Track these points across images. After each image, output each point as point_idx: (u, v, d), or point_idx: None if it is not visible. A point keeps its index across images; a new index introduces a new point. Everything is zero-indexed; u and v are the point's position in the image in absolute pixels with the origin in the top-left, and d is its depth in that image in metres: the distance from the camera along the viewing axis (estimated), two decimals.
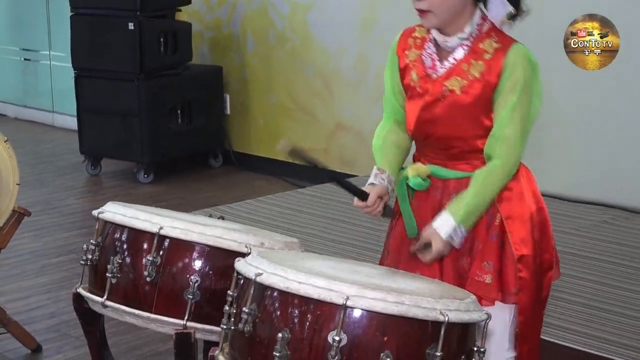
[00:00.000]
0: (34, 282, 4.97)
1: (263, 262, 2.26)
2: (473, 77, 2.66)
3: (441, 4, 2.62)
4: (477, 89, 2.65)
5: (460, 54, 2.68)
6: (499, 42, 2.67)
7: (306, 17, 6.98)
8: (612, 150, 5.65)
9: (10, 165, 3.78)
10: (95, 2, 7.07)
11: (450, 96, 2.67)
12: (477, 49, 2.67)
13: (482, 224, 2.72)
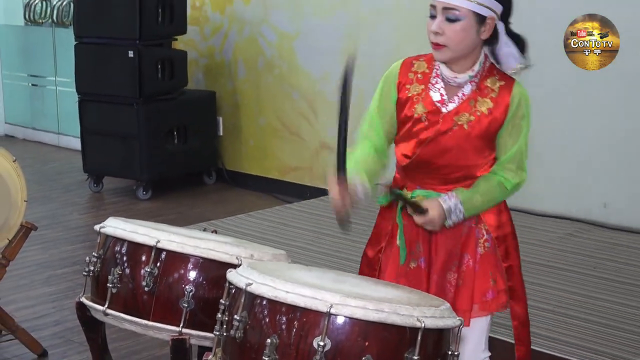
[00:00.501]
0: (40, 292, 4.95)
1: (253, 272, 2.26)
2: (481, 113, 2.68)
3: (459, 42, 2.63)
4: (483, 124, 2.68)
5: (468, 90, 2.70)
6: (501, 80, 2.70)
7: (292, 46, 6.99)
8: (576, 168, 5.67)
9: (18, 184, 3.77)
10: (98, 32, 7.07)
11: (459, 130, 2.68)
12: (483, 87, 2.69)
13: (472, 241, 2.74)
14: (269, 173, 7.23)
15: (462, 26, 2.60)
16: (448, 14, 2.61)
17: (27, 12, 9.65)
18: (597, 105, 5.53)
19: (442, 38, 2.62)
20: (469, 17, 2.60)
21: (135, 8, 6.78)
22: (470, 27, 2.61)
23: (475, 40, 2.65)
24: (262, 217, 6.08)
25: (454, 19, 2.60)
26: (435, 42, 2.64)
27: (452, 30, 2.61)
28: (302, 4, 6.87)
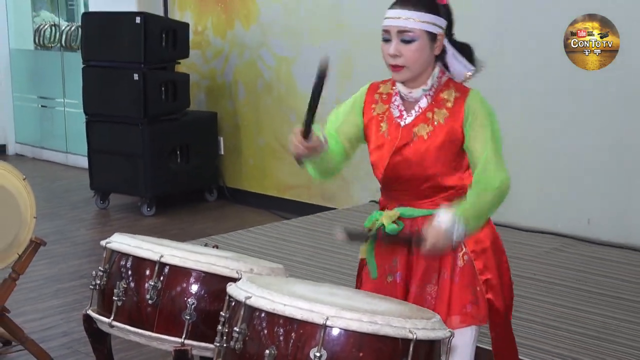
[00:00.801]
0: (49, 304, 4.94)
1: (252, 286, 2.26)
2: (438, 122, 2.69)
3: (416, 61, 2.66)
4: (442, 133, 2.68)
5: (424, 103, 2.72)
6: (457, 91, 2.72)
7: (290, 69, 7.01)
8: (561, 186, 5.67)
9: (28, 201, 3.76)
10: (104, 56, 7.08)
11: (418, 141, 2.70)
12: (439, 99, 2.71)
13: (450, 256, 2.72)
14: (267, 191, 7.23)
15: (417, 46, 2.65)
16: (403, 36, 2.65)
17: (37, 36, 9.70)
18: (582, 125, 5.54)
19: (400, 60, 2.66)
20: (422, 37, 2.65)
21: (140, 33, 6.80)
22: (424, 46, 2.66)
23: (430, 57, 2.69)
24: (261, 232, 6.08)
25: (409, 40, 2.64)
26: (394, 64, 2.68)
27: (408, 51, 2.65)
28: (299, 30, 6.89)
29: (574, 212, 5.62)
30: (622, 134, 5.39)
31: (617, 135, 5.41)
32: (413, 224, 2.74)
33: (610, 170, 5.46)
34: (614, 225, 5.47)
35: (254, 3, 7.17)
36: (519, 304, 4.47)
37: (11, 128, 9.69)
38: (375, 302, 2.39)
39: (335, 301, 2.24)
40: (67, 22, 9.39)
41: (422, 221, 2.70)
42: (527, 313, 4.38)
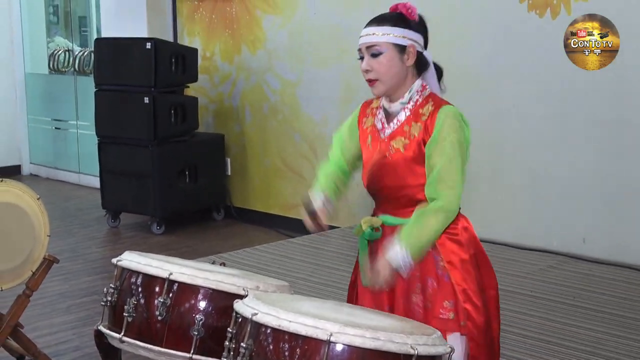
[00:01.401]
0: (61, 320, 4.93)
1: (258, 303, 2.26)
2: (413, 136, 2.72)
3: (385, 72, 2.72)
4: (415, 146, 2.71)
5: (402, 117, 2.76)
6: (433, 106, 2.74)
7: (295, 92, 7.02)
8: (557, 205, 5.66)
9: (42, 220, 3.76)
10: (116, 80, 7.10)
11: (396, 153, 2.74)
12: (418, 113, 2.75)
13: (431, 265, 2.72)
14: (273, 210, 7.23)
15: (384, 58, 2.72)
16: (372, 51, 2.73)
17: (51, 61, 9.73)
18: (577, 145, 5.53)
19: (372, 74, 2.74)
20: (389, 49, 2.71)
21: (150, 58, 6.82)
22: (392, 57, 2.72)
23: (402, 68, 2.74)
24: (267, 250, 6.07)
25: (377, 54, 2.72)
26: (368, 78, 2.76)
27: (377, 64, 2.72)
28: (304, 55, 6.91)
29: (570, 230, 5.60)
30: (617, 154, 5.38)
31: (612, 155, 5.40)
32: (394, 232, 2.74)
33: (605, 189, 5.45)
34: (609, 243, 5.46)
35: (260, 29, 7.20)
36: (515, 319, 4.47)
37: (26, 149, 9.71)
38: (377, 318, 2.38)
39: (338, 317, 2.24)
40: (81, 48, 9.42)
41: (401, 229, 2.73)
42: (523, 328, 4.37)
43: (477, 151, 5.89)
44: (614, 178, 5.41)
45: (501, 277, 5.14)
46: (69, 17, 9.77)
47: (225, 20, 7.47)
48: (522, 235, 5.80)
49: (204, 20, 7.65)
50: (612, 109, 5.36)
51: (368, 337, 2.11)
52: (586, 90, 5.44)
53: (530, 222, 5.80)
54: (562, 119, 5.58)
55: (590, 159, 5.49)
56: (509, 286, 5.04)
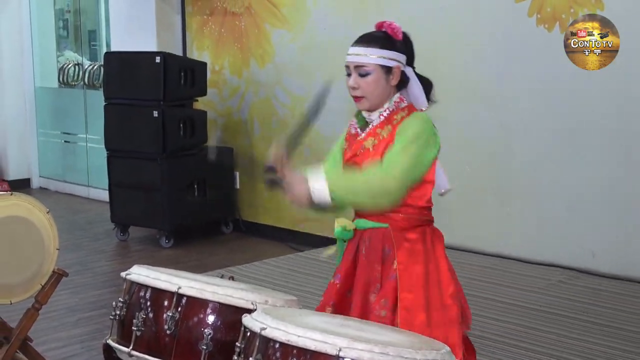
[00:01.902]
0: (70, 334, 4.93)
1: (267, 317, 2.25)
2: (382, 137, 2.87)
3: (372, 91, 2.89)
4: (383, 147, 2.85)
5: (376, 122, 2.92)
6: (407, 112, 2.89)
7: (304, 106, 7.00)
8: (566, 219, 5.65)
9: (51, 233, 3.77)
10: (125, 94, 7.12)
11: (365, 152, 2.89)
12: (391, 118, 2.90)
13: (388, 266, 2.83)
14: (281, 223, 7.23)
15: (372, 79, 2.89)
16: (360, 71, 2.91)
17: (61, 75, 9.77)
18: (587, 160, 5.52)
19: (359, 91, 2.91)
20: (376, 70, 2.88)
21: (159, 73, 6.84)
22: (379, 78, 2.89)
23: (386, 87, 2.90)
24: (275, 264, 6.07)
25: (365, 74, 2.90)
26: (354, 95, 2.93)
27: (365, 83, 2.90)
28: (313, 69, 6.92)
29: (579, 245, 5.59)
30: (627, 168, 5.37)
31: (622, 169, 5.39)
32: (363, 235, 2.93)
33: (614, 203, 5.44)
34: (619, 258, 5.44)
35: (269, 43, 7.21)
36: (524, 334, 4.46)
37: (35, 162, 9.74)
38: (386, 333, 2.38)
39: (347, 332, 2.23)
40: (90, 62, 9.46)
41: (370, 233, 2.91)
42: (532, 343, 4.35)
43: (486, 165, 5.93)
44: (623, 192, 5.40)
45: (510, 292, 5.15)
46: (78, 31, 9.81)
47: (235, 35, 7.49)
48: (531, 249, 5.79)
49: (213, 35, 7.68)
50: (621, 123, 5.35)
51: (377, 352, 2.10)
52: (595, 104, 5.44)
53: (539, 237, 5.78)
54: (571, 133, 5.58)
55: (600, 173, 5.47)
56: (518, 301, 5.02)
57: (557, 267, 5.64)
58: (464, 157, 5.95)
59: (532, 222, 5.82)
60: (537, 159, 5.74)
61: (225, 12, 7.53)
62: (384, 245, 2.88)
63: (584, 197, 5.55)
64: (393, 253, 2.83)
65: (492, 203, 5.93)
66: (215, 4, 7.61)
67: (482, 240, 5.88)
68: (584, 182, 5.55)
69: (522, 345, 4.28)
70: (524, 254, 5.80)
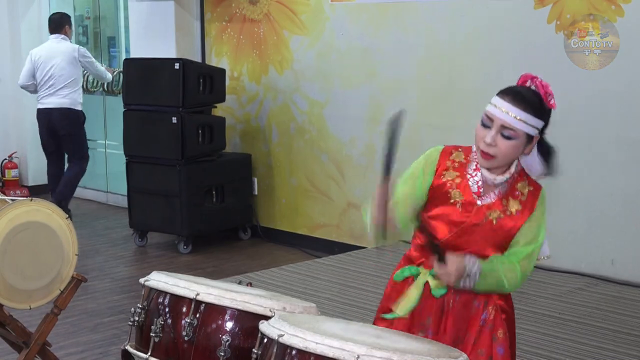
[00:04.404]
0: (88, 339, 4.95)
1: (284, 324, 2.25)
2: (510, 213, 2.71)
3: (508, 156, 2.67)
4: (509, 223, 2.70)
5: (503, 190, 2.72)
6: (530, 185, 2.75)
7: (322, 112, 7.03)
8: (585, 226, 5.62)
9: (70, 239, 3.78)
10: (144, 100, 7.14)
11: (488, 224, 2.70)
12: (514, 189, 2.73)
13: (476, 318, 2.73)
14: (299, 229, 7.23)
15: (515, 144, 2.65)
16: (504, 132, 2.64)
17: None
18: (606, 165, 5.50)
19: (494, 150, 2.64)
20: (521, 137, 2.65)
21: (178, 79, 6.86)
22: (520, 145, 2.67)
23: (520, 153, 2.71)
24: (293, 270, 6.07)
25: (509, 137, 2.64)
26: (487, 152, 2.66)
27: (505, 146, 2.64)
28: (331, 75, 6.93)
29: (598, 252, 5.56)
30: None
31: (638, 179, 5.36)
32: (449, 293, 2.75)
33: (633, 210, 5.41)
34: (638, 265, 5.41)
35: (287, 49, 7.22)
36: (542, 341, 4.43)
37: None
38: (404, 340, 2.37)
39: (365, 340, 2.22)
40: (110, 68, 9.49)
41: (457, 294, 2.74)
42: (552, 351, 4.33)
43: None
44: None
45: (530, 300, 5.13)
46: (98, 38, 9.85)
47: (253, 41, 7.51)
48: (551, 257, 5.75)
49: (231, 41, 7.69)
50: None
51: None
52: (614, 110, 5.42)
53: (558, 244, 5.74)
54: (590, 139, 5.55)
55: (619, 180, 5.45)
56: (538, 308, 5.00)
57: (576, 274, 5.61)
58: None
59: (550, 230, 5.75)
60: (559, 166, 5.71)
61: (244, 18, 7.55)
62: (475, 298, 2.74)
63: (603, 204, 5.52)
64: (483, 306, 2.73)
65: None
66: (234, 11, 7.63)
67: None
68: (602, 190, 5.52)
69: (540, 353, 4.27)
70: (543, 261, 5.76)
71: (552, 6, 5.60)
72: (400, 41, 6.43)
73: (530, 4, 5.70)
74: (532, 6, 5.70)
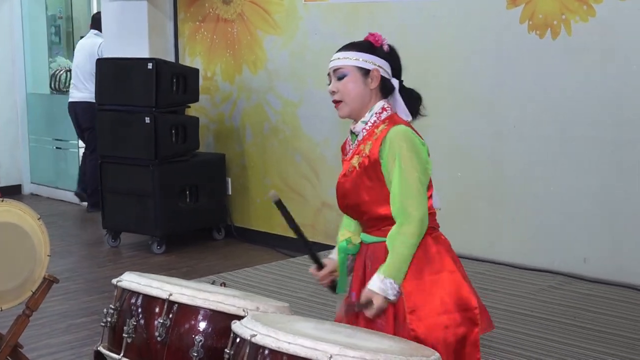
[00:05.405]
0: (61, 340, 4.92)
1: (257, 324, 2.25)
2: (365, 154, 2.82)
3: (349, 93, 2.86)
4: (366, 163, 2.81)
5: (360, 137, 2.88)
6: (387, 125, 2.83)
7: (296, 112, 7.03)
8: (558, 225, 5.66)
9: (42, 239, 3.76)
10: (117, 100, 7.11)
11: (354, 171, 2.85)
12: (372, 132, 2.85)
13: None
14: (273, 229, 7.21)
15: (348, 80, 2.87)
16: (337, 74, 2.90)
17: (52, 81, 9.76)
18: (578, 164, 5.53)
19: (337, 95, 2.89)
20: (353, 72, 2.87)
21: (152, 79, 6.83)
22: (356, 80, 2.86)
23: (365, 91, 2.87)
24: (267, 270, 6.06)
25: (342, 77, 2.88)
26: (333, 99, 2.91)
27: (342, 85, 2.88)
28: (305, 75, 6.92)
29: (570, 250, 5.60)
30: (618, 174, 5.38)
31: (613, 175, 5.40)
32: (368, 249, 2.88)
33: (605, 209, 5.45)
34: (610, 263, 5.45)
35: (261, 49, 7.21)
36: (515, 339, 4.46)
37: (27, 169, 9.71)
38: (376, 340, 2.38)
39: (338, 339, 2.23)
40: None
41: (372, 248, 2.85)
42: (524, 349, 4.35)
43: (478, 172, 5.94)
44: (614, 198, 5.41)
45: (502, 297, 5.15)
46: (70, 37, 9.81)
47: (227, 41, 7.49)
48: (523, 255, 5.80)
49: (205, 41, 7.68)
50: (613, 130, 5.37)
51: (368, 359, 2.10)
52: (587, 111, 5.45)
53: (530, 242, 5.79)
54: (562, 140, 5.59)
55: (591, 179, 5.48)
56: (509, 306, 5.03)
57: (548, 272, 5.64)
58: (456, 164, 5.95)
59: (523, 228, 5.82)
60: (529, 165, 5.75)
61: (217, 18, 7.54)
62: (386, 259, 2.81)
63: (576, 203, 5.56)
64: None
65: (484, 209, 5.94)
66: (207, 11, 7.61)
67: (473, 246, 5.88)
68: (575, 189, 5.56)
69: (513, 351, 4.29)
70: (515, 259, 5.80)
71: (525, 6, 5.63)
72: None
73: (502, 4, 5.73)
74: (505, 6, 5.72)
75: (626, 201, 5.36)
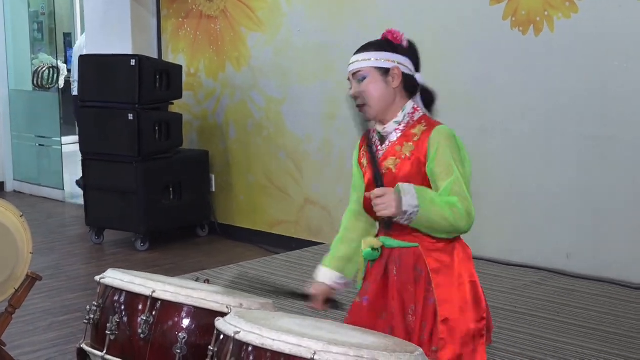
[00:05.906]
0: (44, 338, 4.90)
1: (240, 321, 2.24)
2: (405, 156, 2.74)
3: (371, 95, 2.78)
4: (408, 166, 2.73)
5: (394, 138, 2.79)
6: (426, 126, 2.77)
7: (279, 109, 7.02)
8: (541, 221, 5.68)
9: (25, 237, 3.74)
10: (100, 97, 7.08)
11: (388, 173, 2.75)
12: (409, 133, 2.78)
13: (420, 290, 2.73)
14: (257, 226, 7.21)
15: (368, 82, 2.79)
16: (357, 77, 2.81)
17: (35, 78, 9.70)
18: (562, 160, 5.55)
19: (360, 99, 2.79)
20: (371, 72, 2.79)
21: (135, 75, 6.81)
22: (376, 80, 2.79)
23: (388, 91, 2.80)
24: (251, 267, 6.05)
25: (362, 79, 2.80)
26: (357, 104, 2.81)
27: (365, 88, 2.79)
28: (289, 72, 6.92)
29: (553, 246, 5.62)
30: (601, 170, 5.40)
31: (596, 171, 5.42)
32: (392, 253, 2.78)
33: (589, 205, 5.47)
34: (593, 259, 5.47)
35: (244, 46, 7.20)
36: (499, 335, 4.47)
37: (9, 166, 9.66)
38: (359, 336, 2.37)
39: (322, 335, 2.22)
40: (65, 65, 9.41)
41: (399, 253, 2.77)
42: (507, 344, 4.36)
43: None
44: (598, 194, 5.43)
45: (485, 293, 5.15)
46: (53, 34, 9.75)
47: (210, 37, 7.47)
48: (507, 251, 5.81)
49: (188, 37, 7.66)
50: (596, 126, 5.39)
51: (352, 356, 2.10)
52: (570, 107, 5.47)
53: (514, 238, 5.81)
54: (546, 135, 5.60)
55: (575, 175, 5.51)
56: (492, 302, 5.02)
57: (531, 268, 5.67)
58: None
59: (507, 224, 5.84)
60: (512, 161, 5.77)
61: (200, 15, 7.52)
62: (416, 265, 2.75)
63: (559, 198, 5.58)
64: (426, 274, 2.72)
65: None
66: (190, 7, 7.59)
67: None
68: (558, 185, 5.58)
69: (496, 347, 4.29)
70: (499, 255, 5.82)
71: (508, 3, 5.65)
72: (357, 37, 6.35)
73: (485, 0, 5.74)
74: (488, 3, 5.73)
75: (609, 197, 5.38)
